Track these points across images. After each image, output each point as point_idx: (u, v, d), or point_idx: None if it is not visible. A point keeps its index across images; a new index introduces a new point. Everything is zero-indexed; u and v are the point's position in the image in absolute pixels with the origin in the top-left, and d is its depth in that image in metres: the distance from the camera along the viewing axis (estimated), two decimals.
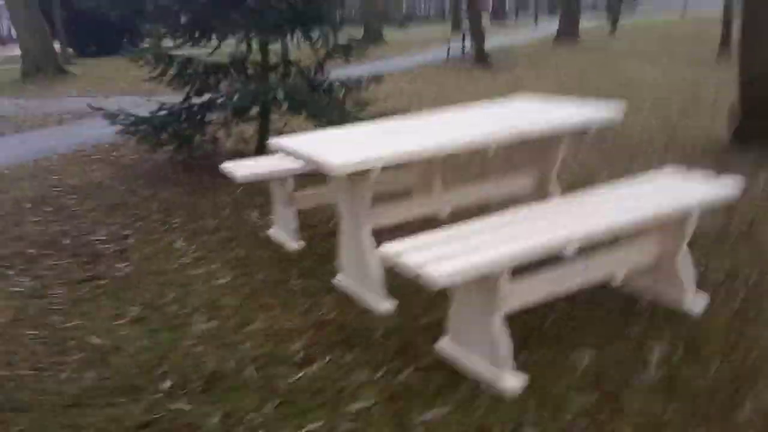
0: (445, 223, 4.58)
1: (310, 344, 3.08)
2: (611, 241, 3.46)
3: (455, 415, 2.48)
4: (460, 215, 4.68)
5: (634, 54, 16.38)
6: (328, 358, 2.94)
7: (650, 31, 24.18)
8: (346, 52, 6.49)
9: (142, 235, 4.82)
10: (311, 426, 2.47)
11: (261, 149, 6.84)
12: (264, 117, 6.68)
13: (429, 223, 4.52)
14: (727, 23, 13.72)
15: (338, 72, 6.90)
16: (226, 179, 6.22)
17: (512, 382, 2.59)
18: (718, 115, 8.03)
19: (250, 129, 7.20)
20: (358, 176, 3.10)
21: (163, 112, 6.63)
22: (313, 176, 5.91)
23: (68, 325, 3.45)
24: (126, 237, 4.78)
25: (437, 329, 3.13)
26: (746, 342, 2.83)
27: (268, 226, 4.80)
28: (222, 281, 3.88)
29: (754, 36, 6.00)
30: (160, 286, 3.87)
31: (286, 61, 6.69)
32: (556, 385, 2.61)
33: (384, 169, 3.11)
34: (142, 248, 4.54)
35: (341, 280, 3.67)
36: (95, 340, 3.26)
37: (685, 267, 3.16)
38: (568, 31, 20.27)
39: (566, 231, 2.65)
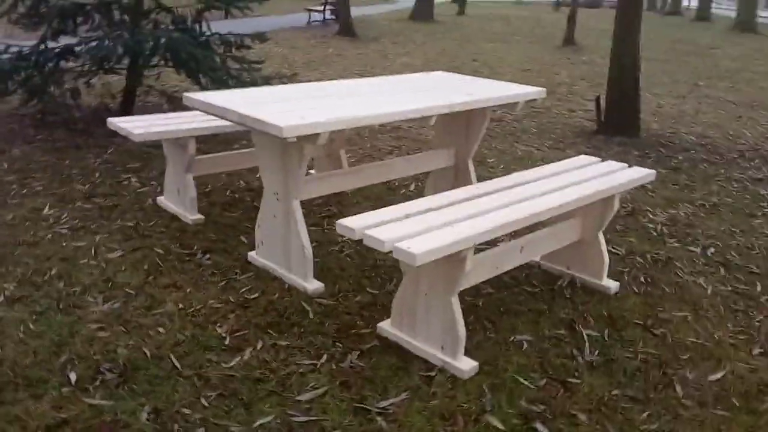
0: (351, 199, 4.44)
1: (237, 328, 2.79)
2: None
3: (414, 401, 2.36)
4: (364, 191, 4.56)
5: (487, 35, 17.12)
6: (260, 344, 2.68)
7: (493, 14, 25.41)
8: (230, 2, 5.98)
9: None
10: (262, 420, 2.22)
11: (128, 106, 6.17)
12: (134, 70, 6.00)
13: (331, 198, 4.36)
14: (572, 18, 14.91)
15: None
16: (89, 137, 5.57)
17: (466, 365, 2.53)
18: (575, 99, 8.63)
19: (113, 82, 6.48)
20: (301, 142, 2.82)
21: (5, 56, 5.73)
22: (211, 140, 5.47)
23: None
24: None
25: (372, 310, 2.99)
26: (660, 324, 3.01)
27: (153, 194, 4.33)
28: (113, 255, 3.41)
29: (623, 40, 6.45)
30: (36, 260, 3.32)
31: (162, 8, 6.06)
32: (505, 369, 2.58)
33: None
34: (1, 214, 3.88)
35: (257, 256, 3.39)
36: None
37: (603, 246, 3.29)
38: (424, 11, 20.70)
39: (523, 209, 2.63)
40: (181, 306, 2.94)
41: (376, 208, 4.23)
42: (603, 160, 3.54)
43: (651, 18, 30.22)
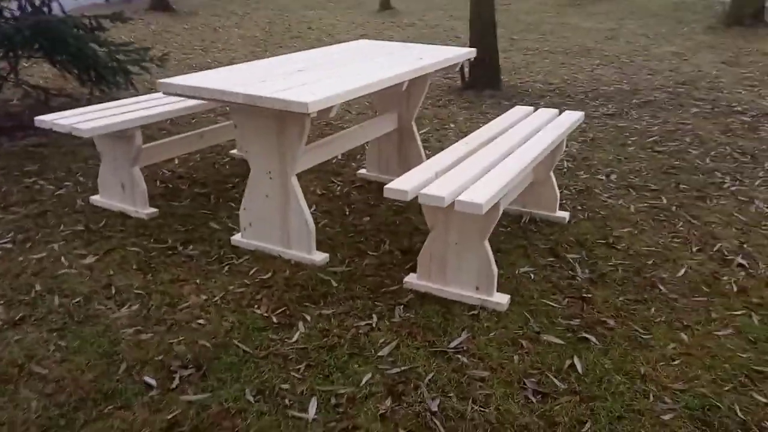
0: None
1: (274, 307, 2.82)
2: None
3: (477, 336, 2.62)
4: None
5: (301, 2, 17.10)
6: (308, 316, 2.75)
7: None
8: None
9: None
10: (365, 378, 2.35)
11: None
12: None
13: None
14: None
15: None
16: None
17: (503, 299, 2.83)
18: None
19: None
20: (318, 116, 2.85)
21: None
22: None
23: None
24: None
25: (386, 269, 3.16)
26: (617, 240, 3.55)
27: (78, 194, 4.01)
28: (88, 261, 3.19)
29: (481, 1, 7.01)
30: (5, 278, 3.00)
31: None
32: (531, 297, 2.93)
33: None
34: None
35: (244, 238, 3.36)
36: None
37: (555, 184, 3.75)
38: None
39: (529, 152, 2.97)
40: (204, 297, 2.88)
41: (320, 178, 4.37)
42: (536, 110, 3.99)
43: None
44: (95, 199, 3.88)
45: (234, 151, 4.83)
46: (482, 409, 2.22)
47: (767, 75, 8.34)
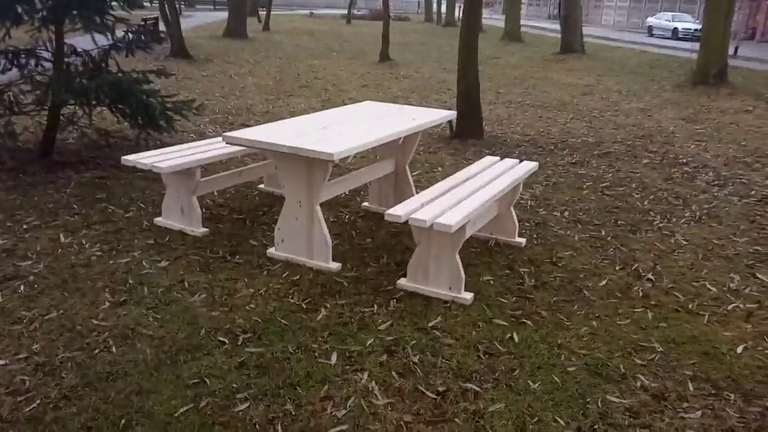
0: None
1: (303, 298, 3.90)
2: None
3: (448, 320, 3.71)
4: None
5: (306, 51, 18.51)
6: (327, 305, 3.84)
7: (296, 29, 26.92)
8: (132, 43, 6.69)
9: (5, 235, 4.66)
10: (369, 341, 3.43)
11: (49, 146, 6.62)
12: (54, 112, 6.49)
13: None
14: (386, 37, 16.85)
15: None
16: (32, 175, 6.03)
17: (468, 296, 3.93)
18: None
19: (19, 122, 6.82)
20: (329, 162, 3.99)
21: None
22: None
23: (52, 315, 3.57)
24: None
25: (384, 276, 4.26)
26: (559, 260, 4.67)
27: (144, 217, 5.11)
28: (163, 264, 4.28)
29: (468, 62, 8.27)
30: (103, 275, 4.08)
31: (76, 52, 6.63)
32: (489, 296, 4.03)
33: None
34: (27, 246, 4.47)
35: (277, 251, 4.46)
36: (103, 323, 3.51)
37: (514, 216, 4.88)
38: (238, 29, 21.58)
39: (489, 191, 4.10)
40: (252, 290, 3.97)
41: (332, 209, 5.48)
42: (502, 159, 5.15)
43: (433, 28, 33.65)
44: (159, 220, 4.99)
45: (261, 186, 5.97)
46: (447, 361, 3.30)
47: (717, 131, 9.60)
